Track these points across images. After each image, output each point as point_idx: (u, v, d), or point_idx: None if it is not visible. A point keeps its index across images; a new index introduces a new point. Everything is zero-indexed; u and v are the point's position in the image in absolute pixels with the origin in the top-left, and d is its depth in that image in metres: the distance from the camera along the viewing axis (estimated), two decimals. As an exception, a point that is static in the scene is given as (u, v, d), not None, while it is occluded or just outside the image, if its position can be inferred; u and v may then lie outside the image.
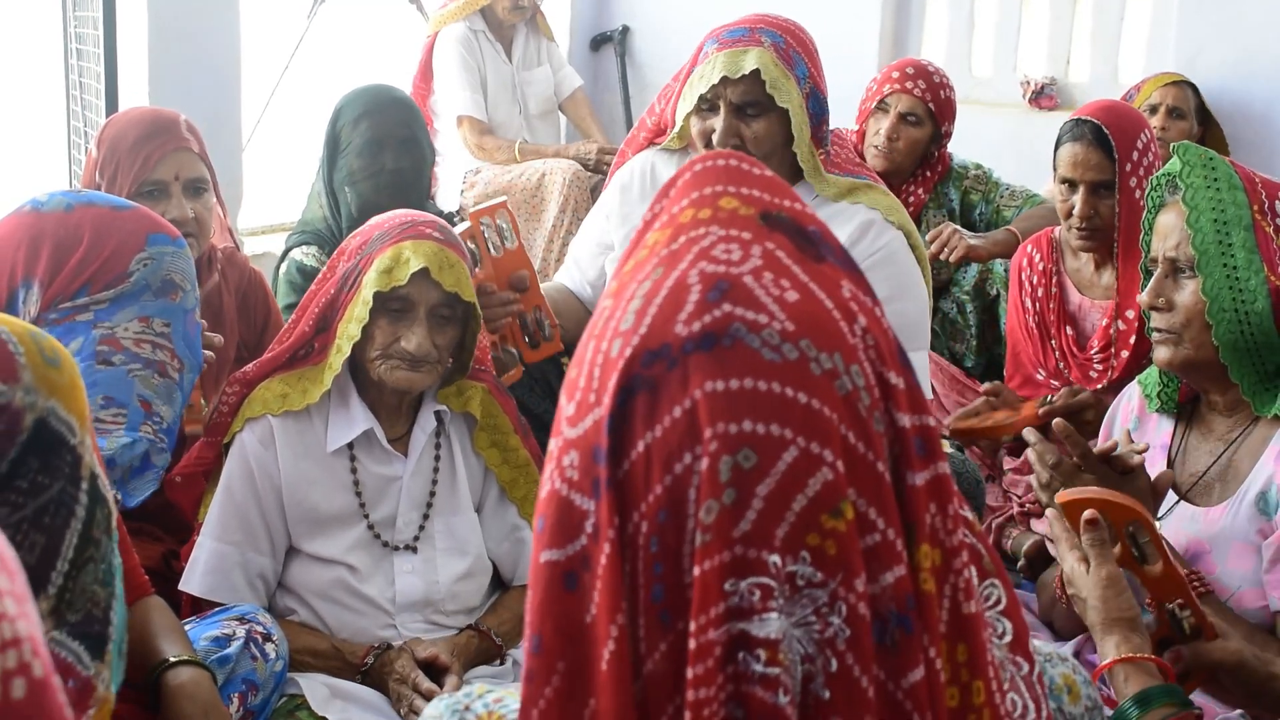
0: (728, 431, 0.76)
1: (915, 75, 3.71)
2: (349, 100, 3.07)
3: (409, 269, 2.16)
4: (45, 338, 1.23)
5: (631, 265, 0.85)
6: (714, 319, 0.78)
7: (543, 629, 0.80)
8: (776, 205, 0.86)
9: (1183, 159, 2.01)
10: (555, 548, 0.80)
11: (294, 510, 2.26)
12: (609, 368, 0.80)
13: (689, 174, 0.88)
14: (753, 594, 0.75)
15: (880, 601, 0.78)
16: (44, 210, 1.83)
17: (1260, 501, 1.94)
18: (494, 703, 0.99)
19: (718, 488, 0.76)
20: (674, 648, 0.77)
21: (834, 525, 0.76)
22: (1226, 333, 1.95)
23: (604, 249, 2.90)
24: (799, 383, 0.77)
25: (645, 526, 0.77)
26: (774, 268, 0.81)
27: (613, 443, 0.78)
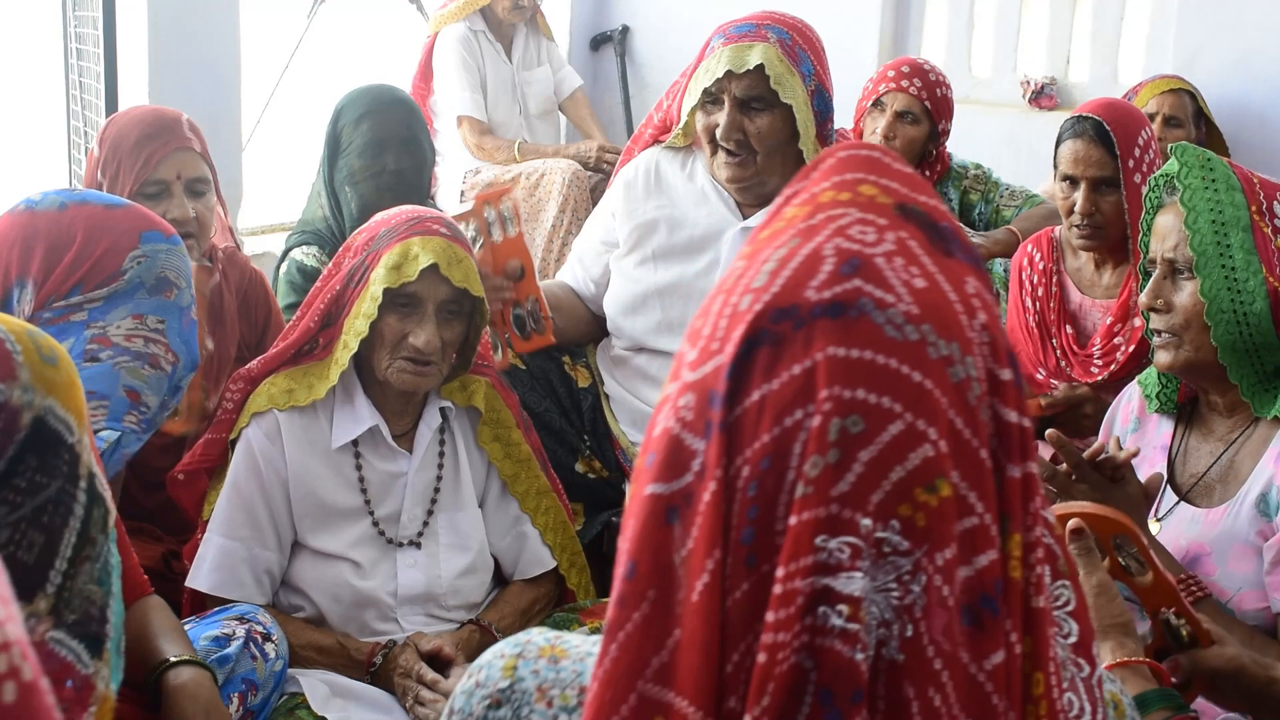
0: (841, 395, 0.80)
1: (911, 74, 3.71)
2: (350, 100, 3.07)
3: (418, 265, 2.16)
4: (42, 336, 1.23)
5: (768, 234, 0.89)
6: (844, 290, 0.82)
7: (638, 557, 0.84)
8: (912, 199, 0.89)
9: (1180, 160, 2.01)
10: (661, 482, 0.84)
11: (300, 505, 2.26)
12: (736, 319, 0.84)
13: (832, 159, 0.92)
14: (841, 552, 0.79)
15: (970, 583, 0.81)
16: (38, 209, 1.83)
17: (1261, 503, 1.94)
18: (554, 638, 1.03)
19: (824, 445, 0.79)
20: (755, 589, 0.80)
21: (926, 499, 0.80)
22: (1225, 334, 1.95)
23: (608, 247, 2.90)
24: (915, 363, 0.81)
25: (747, 470, 0.81)
26: (905, 255, 0.85)
27: (730, 388, 0.82)
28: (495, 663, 1.03)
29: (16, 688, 0.61)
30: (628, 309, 2.81)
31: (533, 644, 1.03)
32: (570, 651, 1.02)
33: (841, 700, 0.78)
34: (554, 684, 1.00)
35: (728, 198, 2.77)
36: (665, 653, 0.82)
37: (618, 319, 2.84)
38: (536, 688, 0.99)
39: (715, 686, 0.80)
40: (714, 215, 2.76)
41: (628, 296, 2.81)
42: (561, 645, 1.02)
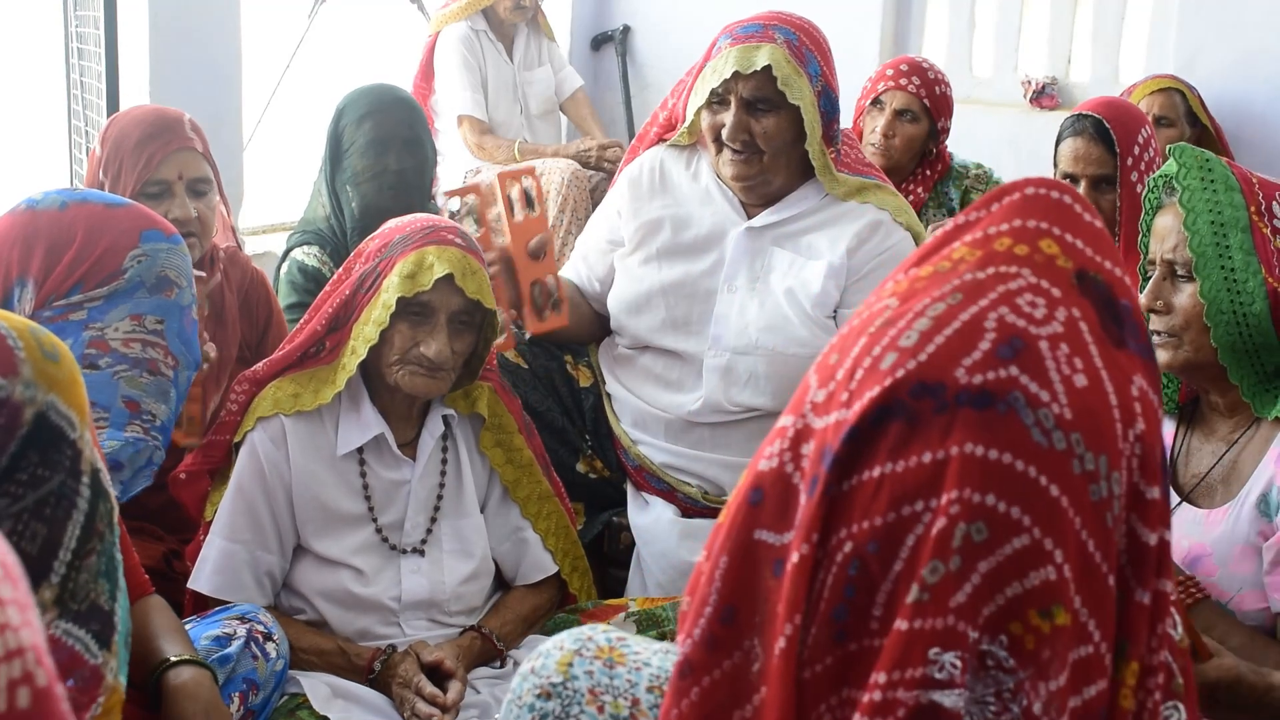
0: (970, 500, 0.75)
1: (909, 72, 3.71)
2: (352, 100, 3.07)
3: (433, 275, 2.16)
4: (44, 333, 1.23)
5: (930, 272, 0.82)
6: (997, 379, 0.76)
7: (738, 603, 0.80)
8: (1096, 265, 0.83)
9: (1179, 161, 2.01)
10: (773, 530, 0.80)
11: (303, 510, 2.26)
12: (873, 376, 0.78)
13: (1018, 194, 0.85)
14: (954, 667, 0.75)
15: (1076, 714, 0.77)
16: (38, 209, 1.83)
17: (1261, 504, 1.94)
18: (616, 640, 1.02)
19: (947, 551, 0.75)
20: (838, 665, 0.77)
21: (1039, 624, 0.75)
22: (1225, 334, 1.95)
23: (613, 245, 2.90)
24: (1055, 475, 0.76)
25: (849, 547, 0.77)
26: (1072, 342, 0.79)
27: (847, 453, 0.77)
28: (552, 654, 1.02)
29: (30, 693, 0.61)
30: (632, 308, 2.81)
31: (593, 642, 1.01)
32: (629, 658, 1.00)
33: None
34: (607, 689, 0.98)
35: (732, 197, 2.77)
36: (750, 709, 0.79)
37: (621, 317, 2.84)
38: (589, 689, 0.98)
39: None
40: (719, 215, 2.76)
41: (632, 295, 2.81)
42: (621, 649, 1.01)
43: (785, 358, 2.64)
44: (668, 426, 2.76)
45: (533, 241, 2.66)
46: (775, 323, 2.66)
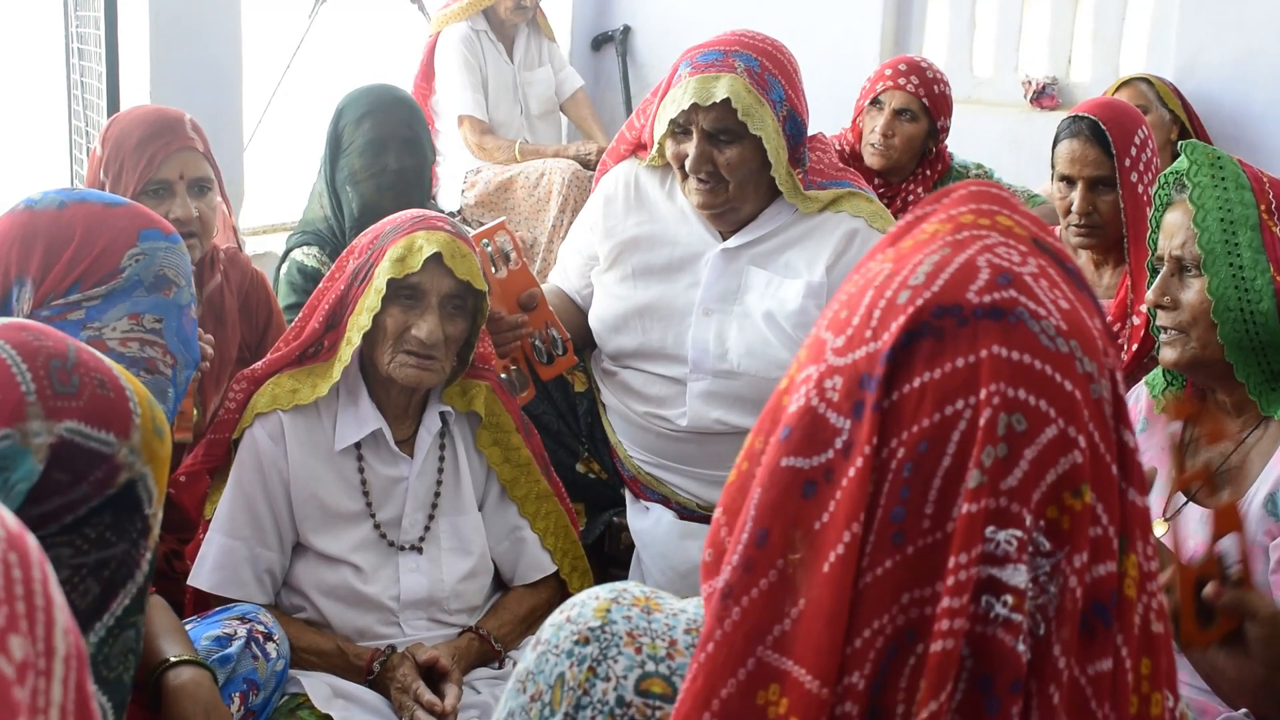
0: (1006, 393, 0.83)
1: (908, 71, 3.71)
2: (351, 100, 3.07)
3: (422, 256, 2.17)
4: (158, 408, 1.27)
5: (911, 244, 0.93)
6: (1003, 297, 0.86)
7: (771, 526, 0.87)
8: (1043, 237, 0.94)
9: (1190, 158, 2.01)
10: (800, 456, 0.87)
11: (301, 506, 2.26)
12: (893, 311, 0.87)
13: (964, 191, 0.97)
14: (1010, 544, 0.82)
15: (1088, 591, 0.84)
16: (37, 208, 1.83)
17: (1269, 503, 1.94)
18: (650, 591, 1.06)
19: (995, 438, 0.83)
20: (898, 567, 0.83)
21: (1072, 503, 0.83)
22: (1232, 332, 1.95)
23: (590, 260, 2.88)
24: (1066, 372, 0.85)
25: (903, 453, 0.84)
26: (1048, 279, 0.89)
27: (888, 373, 0.85)
28: (589, 603, 1.05)
29: None
30: (610, 327, 2.80)
31: (629, 592, 1.05)
32: (664, 606, 1.04)
33: (1001, 689, 0.80)
34: (645, 632, 1.02)
35: (706, 219, 2.74)
36: (788, 621, 0.85)
37: (603, 335, 2.82)
38: (627, 633, 1.02)
39: (838, 660, 0.82)
40: (694, 235, 2.73)
41: (610, 315, 2.80)
42: (656, 599, 1.05)
43: (769, 382, 2.60)
44: (657, 440, 2.75)
45: (522, 296, 2.66)
46: (755, 347, 2.63)
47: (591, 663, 1.00)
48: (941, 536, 0.82)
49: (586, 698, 1.00)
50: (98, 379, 1.21)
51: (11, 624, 0.63)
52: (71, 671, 0.67)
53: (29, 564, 0.66)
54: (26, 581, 0.65)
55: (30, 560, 0.66)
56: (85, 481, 1.18)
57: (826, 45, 4.89)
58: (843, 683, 0.82)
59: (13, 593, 0.64)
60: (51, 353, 1.19)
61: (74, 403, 1.18)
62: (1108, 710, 0.84)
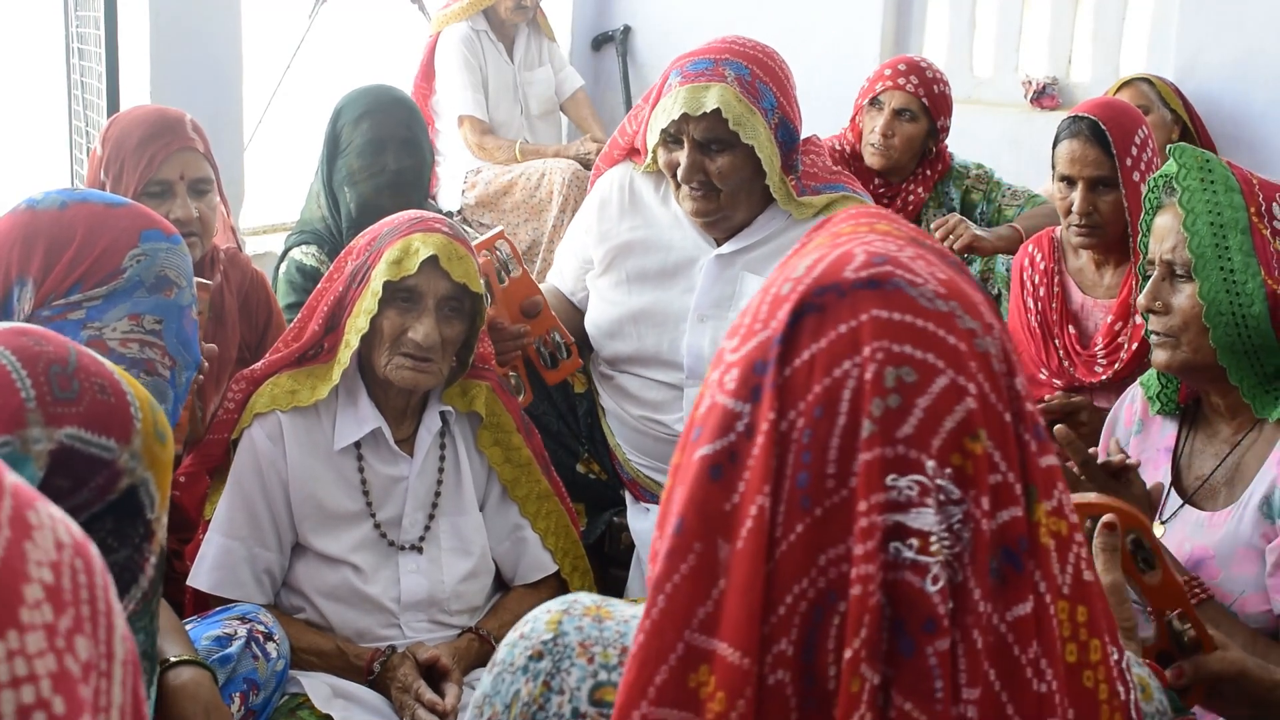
0: (890, 349, 0.86)
1: (908, 71, 3.71)
2: (350, 100, 3.07)
3: (418, 258, 2.17)
4: (160, 411, 1.26)
5: (795, 259, 0.96)
6: (879, 271, 0.89)
7: (685, 513, 0.89)
8: (923, 238, 0.97)
9: (1179, 161, 2.01)
10: (705, 444, 0.89)
11: (301, 507, 2.26)
12: (779, 301, 0.90)
13: (846, 212, 1.00)
14: (910, 489, 0.84)
15: (994, 537, 0.86)
16: (39, 208, 1.83)
17: (1264, 506, 1.94)
18: (600, 600, 1.08)
19: (883, 390, 0.85)
20: (809, 529, 0.85)
21: (973, 448, 0.85)
22: (1224, 336, 1.95)
23: (585, 264, 2.88)
24: (949, 328, 0.88)
25: (801, 421, 0.86)
26: (926, 260, 0.92)
27: (780, 353, 0.88)
28: (540, 617, 1.06)
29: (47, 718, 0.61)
30: (606, 333, 2.80)
31: (579, 603, 1.06)
32: (615, 613, 1.05)
33: (914, 629, 0.82)
34: (596, 641, 1.03)
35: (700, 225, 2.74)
36: (711, 603, 0.86)
37: (599, 340, 2.83)
38: (579, 643, 1.03)
39: (758, 630, 0.84)
40: (688, 241, 2.73)
41: (605, 320, 2.80)
42: (607, 607, 1.06)
43: None
44: (655, 443, 2.75)
45: (525, 303, 2.67)
46: None
47: (545, 677, 1.02)
48: (847, 493, 0.85)
49: (542, 713, 1.01)
50: (98, 384, 1.20)
51: (78, 625, 0.65)
52: (129, 675, 0.69)
53: (92, 570, 0.68)
54: (90, 587, 0.67)
55: (94, 567, 0.68)
56: (86, 487, 1.18)
57: (826, 45, 4.89)
58: (771, 652, 0.84)
59: (79, 596, 0.66)
60: (52, 358, 1.19)
61: (74, 408, 1.17)
62: (1033, 654, 0.85)
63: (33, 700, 0.61)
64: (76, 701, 0.63)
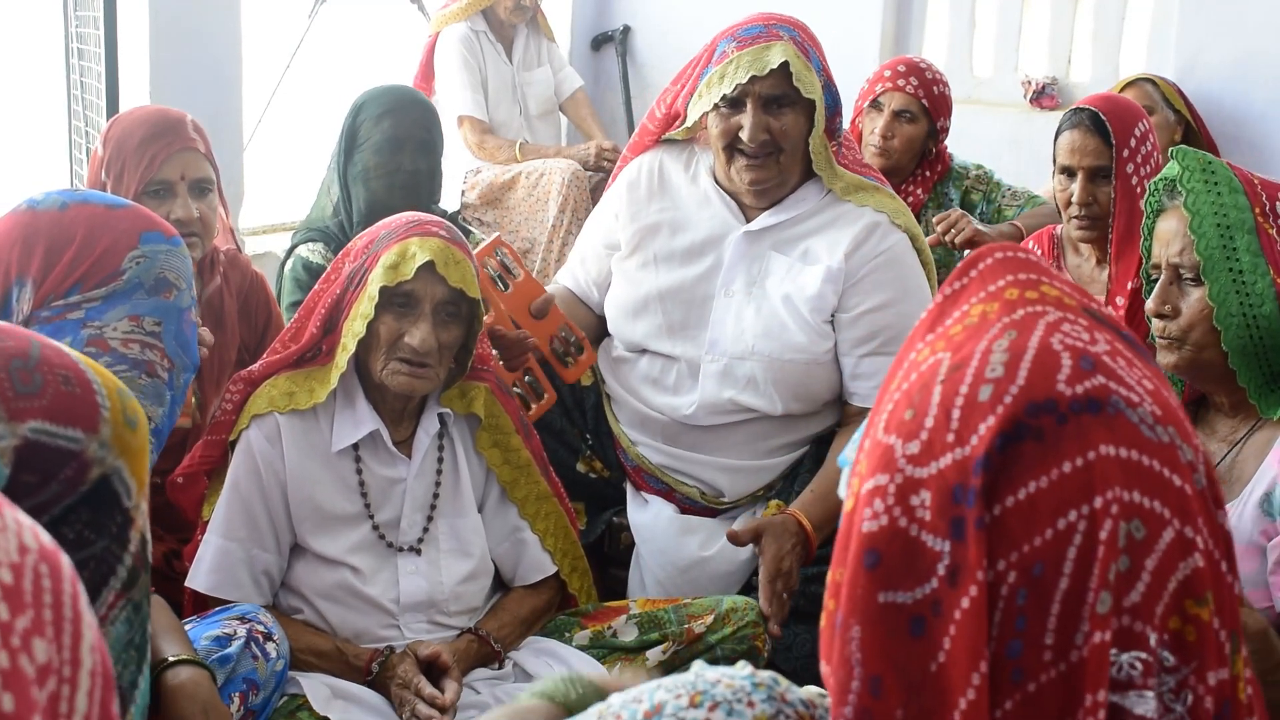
0: (1123, 498, 0.76)
1: (907, 72, 3.72)
2: (372, 96, 3.08)
3: (415, 263, 2.16)
4: (129, 398, 1.24)
5: (961, 329, 0.84)
6: (1095, 385, 0.79)
7: (883, 672, 0.77)
8: (1090, 304, 0.87)
9: (1181, 164, 2.01)
10: (901, 590, 0.78)
11: (299, 508, 2.26)
12: (977, 410, 0.79)
13: (993, 259, 0.88)
14: (1134, 668, 0.74)
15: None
16: (39, 209, 1.83)
17: (1265, 503, 1.94)
18: (808, 704, 0.90)
19: (1117, 551, 0.75)
20: (1020, 707, 0.75)
21: (1197, 612, 0.76)
22: (1235, 337, 1.95)
23: (610, 249, 2.90)
24: (1173, 466, 0.78)
25: (1014, 576, 0.76)
26: (1123, 356, 0.82)
27: (985, 483, 0.77)
28: (741, 711, 0.86)
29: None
30: (629, 312, 2.81)
31: (790, 705, 0.86)
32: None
33: None
34: None
35: (730, 201, 2.76)
36: None
37: (619, 322, 2.84)
38: None
39: None
40: (717, 218, 2.76)
41: (629, 300, 2.81)
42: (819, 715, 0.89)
43: (782, 363, 2.65)
44: (665, 428, 2.76)
45: (534, 305, 2.68)
46: (772, 329, 2.66)
47: None
48: (1065, 668, 0.75)
49: None
50: (62, 375, 1.18)
51: (37, 628, 0.65)
52: (97, 687, 0.68)
53: (59, 577, 0.68)
54: (56, 593, 0.67)
55: (62, 574, 0.68)
56: (55, 481, 1.16)
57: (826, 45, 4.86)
58: None
59: (41, 600, 0.66)
60: (12, 352, 1.17)
61: (37, 402, 1.15)
62: None
63: None
64: (28, 701, 0.63)
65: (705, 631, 2.38)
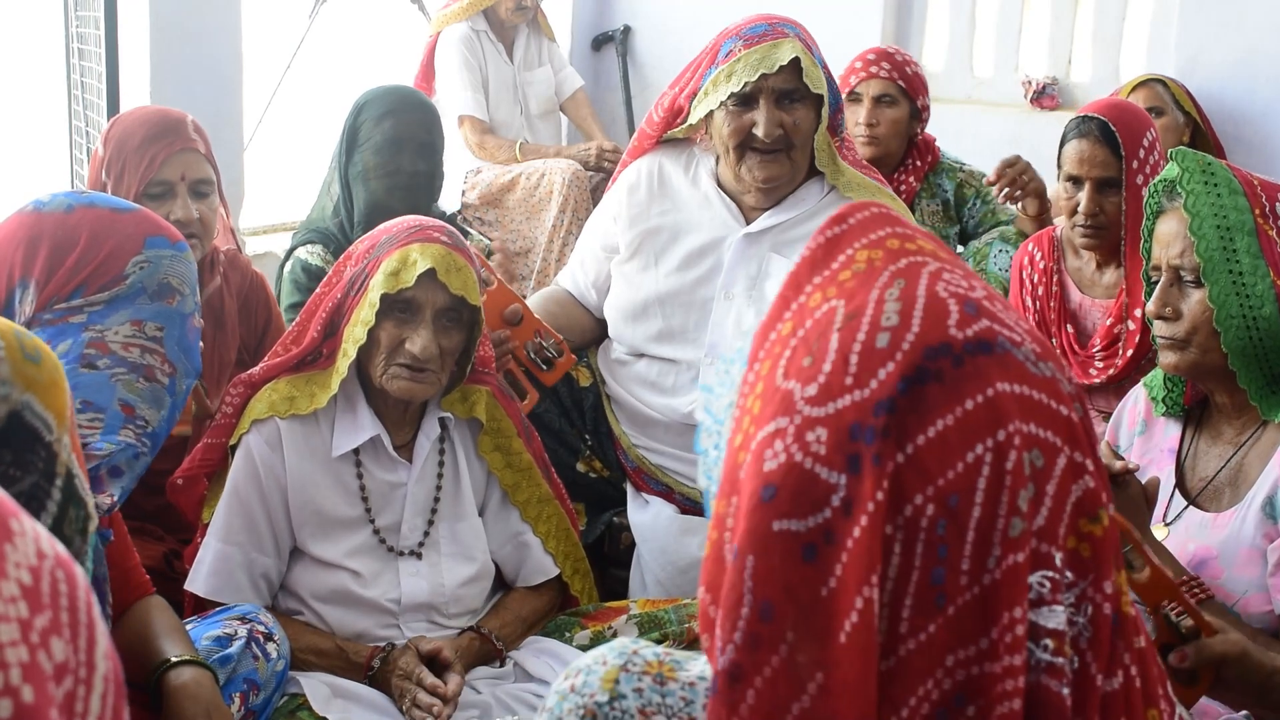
0: (1023, 430, 0.80)
1: (877, 59, 3.76)
2: (374, 96, 3.08)
3: (416, 270, 2.16)
4: (28, 336, 1.23)
5: (850, 275, 0.87)
6: (982, 328, 0.83)
7: (773, 596, 0.80)
8: (952, 254, 0.92)
9: (1180, 165, 2.01)
10: (793, 518, 0.81)
11: (299, 513, 2.26)
12: (874, 356, 0.82)
13: (867, 212, 0.92)
14: (1043, 586, 0.79)
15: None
16: (44, 210, 1.83)
17: (1267, 506, 1.94)
18: (662, 654, 0.98)
19: (1023, 480, 0.79)
20: (941, 630, 0.78)
21: (1091, 529, 0.80)
22: (1235, 339, 1.95)
23: (609, 251, 2.90)
24: (1059, 397, 0.82)
25: (931, 509, 0.79)
26: (999, 301, 0.87)
27: (890, 424, 0.80)
28: (595, 669, 0.96)
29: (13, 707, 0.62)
30: (629, 315, 2.82)
31: (639, 656, 0.97)
32: (679, 674, 0.96)
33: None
34: (659, 709, 0.94)
35: (730, 204, 2.77)
36: (807, 698, 0.78)
37: (619, 324, 2.84)
38: (639, 709, 0.94)
39: None
40: (717, 221, 2.77)
41: (629, 303, 2.82)
42: (670, 664, 0.96)
43: None
44: (665, 429, 2.76)
45: (506, 313, 2.69)
46: None
47: None
48: (979, 591, 0.78)
49: None
50: None
51: (55, 627, 0.67)
52: (110, 693, 0.70)
53: (75, 584, 0.70)
54: (71, 597, 0.69)
55: (76, 582, 0.70)
56: None
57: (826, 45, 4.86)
58: None
59: (58, 603, 0.67)
60: None
61: None
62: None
63: (0, 686, 0.62)
64: (45, 695, 0.64)
65: (706, 632, 2.38)
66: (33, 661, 0.64)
